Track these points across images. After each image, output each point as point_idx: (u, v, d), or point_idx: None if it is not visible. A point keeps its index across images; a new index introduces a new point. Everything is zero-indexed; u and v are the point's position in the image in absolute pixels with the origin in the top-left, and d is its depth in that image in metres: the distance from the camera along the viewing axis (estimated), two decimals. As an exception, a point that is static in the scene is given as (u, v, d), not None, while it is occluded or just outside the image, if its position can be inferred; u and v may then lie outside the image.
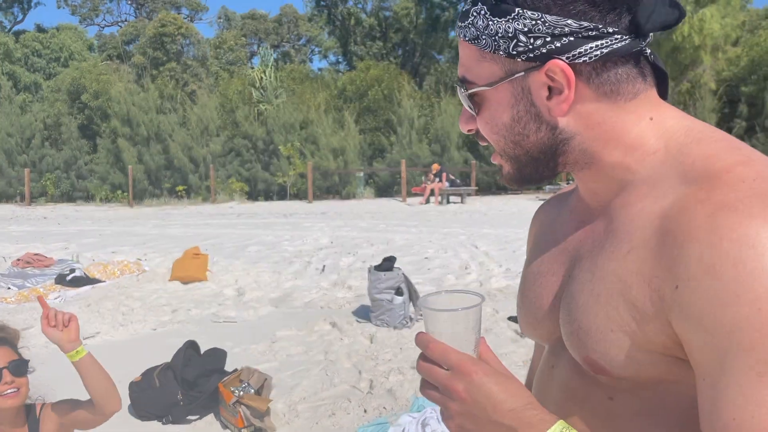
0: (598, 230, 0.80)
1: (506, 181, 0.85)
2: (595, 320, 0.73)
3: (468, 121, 0.83)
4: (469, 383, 0.70)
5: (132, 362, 4.26)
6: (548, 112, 0.76)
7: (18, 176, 23.69)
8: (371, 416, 3.65)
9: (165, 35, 29.35)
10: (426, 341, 0.73)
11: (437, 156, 22.56)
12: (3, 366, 1.84)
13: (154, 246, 9.59)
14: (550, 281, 0.86)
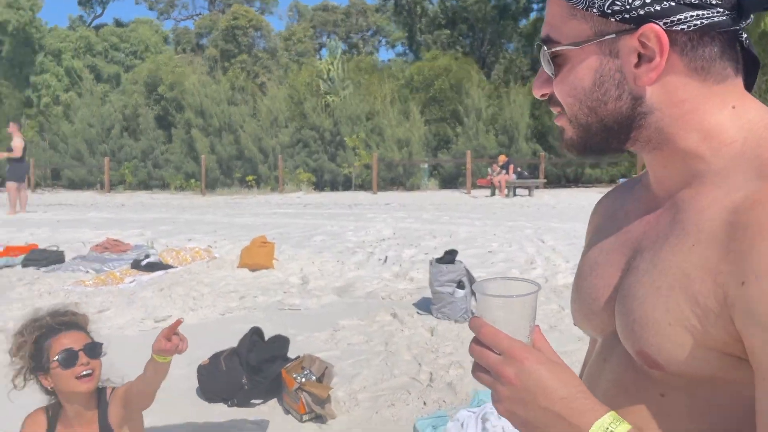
0: (663, 222, 0.78)
1: (566, 146, 0.84)
2: (653, 313, 0.72)
3: (543, 85, 0.82)
4: (520, 369, 0.70)
5: (200, 346, 4.40)
6: (634, 80, 0.73)
7: (98, 165, 24.93)
8: (430, 409, 3.65)
9: (237, 28, 30.16)
10: (479, 325, 0.73)
11: (504, 147, 22.21)
12: (79, 348, 1.93)
13: (224, 234, 9.89)
14: (607, 272, 0.84)
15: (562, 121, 0.83)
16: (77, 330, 2.00)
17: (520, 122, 22.61)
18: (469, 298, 5.28)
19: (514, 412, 0.72)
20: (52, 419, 2.04)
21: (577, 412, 0.69)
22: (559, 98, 0.80)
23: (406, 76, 26.50)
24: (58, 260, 7.64)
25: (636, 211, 0.85)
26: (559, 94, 0.80)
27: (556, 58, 0.77)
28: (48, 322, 1.98)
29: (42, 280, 6.65)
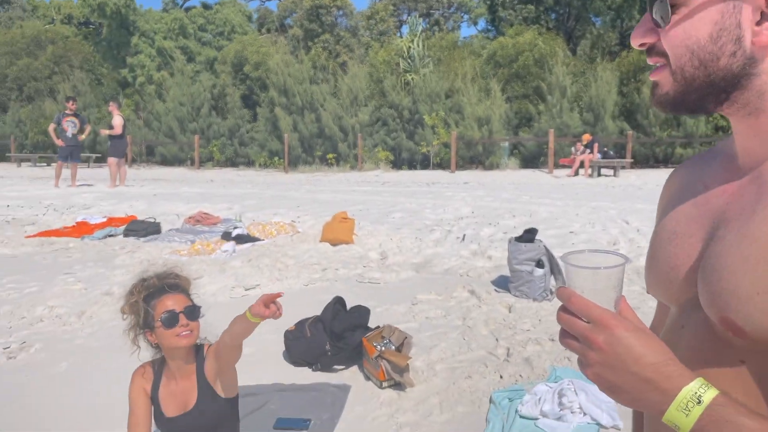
0: (749, 192, 0.79)
1: (658, 101, 0.83)
2: (742, 282, 0.73)
3: (646, 34, 0.80)
4: (609, 335, 0.73)
5: (286, 314, 4.61)
6: (751, 38, 0.73)
7: (189, 142, 26.10)
8: (507, 382, 3.71)
9: (321, 7, 30.55)
10: (568, 294, 0.76)
11: (589, 126, 21.49)
12: (180, 310, 2.11)
13: (307, 209, 10.21)
14: (687, 242, 0.86)
15: (661, 75, 0.81)
16: (180, 293, 2.17)
17: (606, 99, 21.77)
18: (548, 277, 5.27)
19: (603, 377, 0.75)
20: (157, 372, 2.25)
21: (665, 377, 0.71)
22: (666, 47, 0.78)
23: (488, 52, 26.03)
24: (155, 231, 8.17)
25: (717, 181, 0.86)
26: (669, 42, 0.78)
27: (674, 5, 0.76)
28: (155, 283, 2.16)
29: (142, 249, 7.15)
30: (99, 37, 32.52)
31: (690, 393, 0.70)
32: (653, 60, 0.81)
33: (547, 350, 4.11)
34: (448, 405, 3.45)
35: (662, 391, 0.71)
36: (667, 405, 0.70)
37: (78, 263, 6.61)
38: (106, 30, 31.12)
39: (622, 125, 21.90)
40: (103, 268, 6.36)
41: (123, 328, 2.21)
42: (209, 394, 2.21)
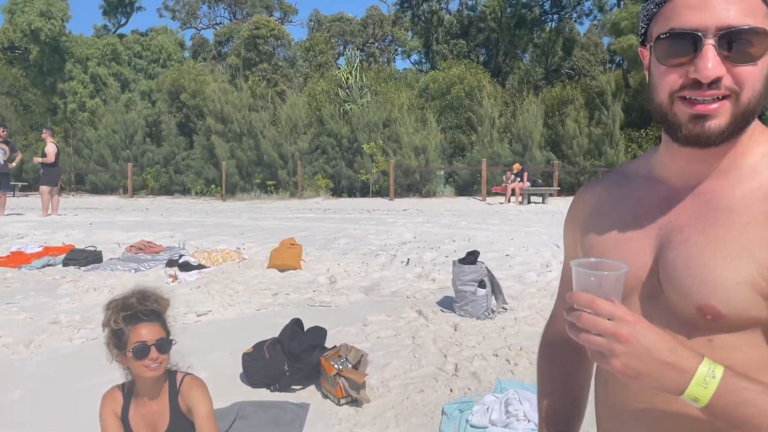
0: (694, 208, 0.97)
1: (705, 135, 0.91)
2: (721, 274, 0.90)
3: (721, 67, 0.88)
4: (634, 329, 0.85)
5: (241, 337, 4.77)
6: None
7: (121, 170, 25.50)
8: (456, 395, 3.94)
9: (258, 37, 30.69)
10: (589, 299, 0.87)
11: (519, 155, 22.48)
12: (152, 343, 2.13)
13: (251, 236, 10.26)
14: (633, 246, 1.02)
15: (722, 107, 0.90)
16: (155, 321, 2.18)
17: (533, 131, 22.88)
18: (490, 297, 5.59)
19: (631, 366, 0.85)
20: (127, 394, 2.27)
21: (683, 359, 0.84)
22: (744, 81, 0.89)
23: (421, 85, 26.86)
24: (96, 260, 8.05)
25: (651, 196, 1.03)
26: (750, 79, 0.88)
27: (758, 46, 0.87)
28: (134, 305, 2.18)
29: (85, 278, 7.04)
30: (26, 62, 31.45)
31: (705, 369, 0.84)
32: (714, 93, 0.89)
33: (492, 364, 4.39)
34: (403, 418, 3.65)
35: (681, 370, 0.84)
36: (687, 382, 0.84)
37: (19, 293, 6.46)
38: (36, 55, 30.14)
39: (549, 155, 23.04)
40: (46, 297, 6.24)
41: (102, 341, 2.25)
42: (182, 419, 2.26)
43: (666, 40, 0.92)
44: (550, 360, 1.30)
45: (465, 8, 34.13)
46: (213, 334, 5.09)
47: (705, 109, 0.89)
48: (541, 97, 24.77)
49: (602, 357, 0.87)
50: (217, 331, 5.20)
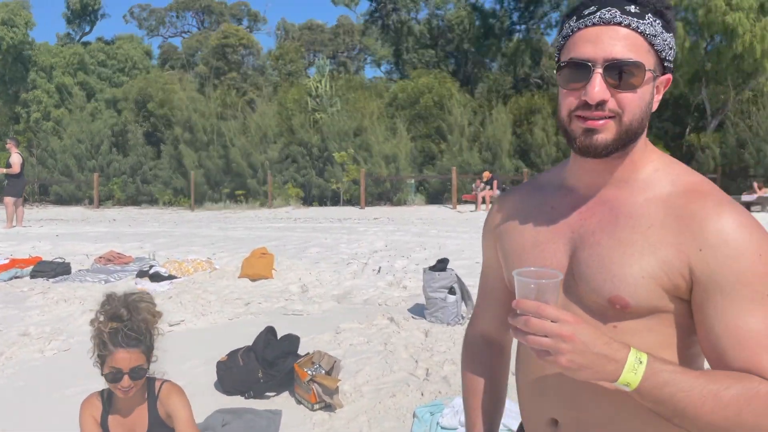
0: (601, 214, 1.13)
1: (595, 144, 1.06)
2: (629, 270, 1.05)
3: (605, 92, 1.04)
4: (575, 329, 0.97)
5: (214, 347, 4.80)
6: (652, 105, 1.10)
7: (87, 180, 25.10)
8: (428, 399, 4.04)
9: (227, 46, 30.59)
10: (535, 306, 0.98)
11: (488, 164, 22.79)
12: (126, 371, 2.14)
13: (222, 246, 10.24)
14: (550, 247, 1.17)
15: (607, 125, 1.06)
16: (136, 347, 2.18)
17: (502, 139, 23.23)
18: (460, 303, 5.72)
19: (574, 361, 0.97)
20: (106, 401, 2.31)
21: (615, 350, 0.97)
22: (625, 105, 1.05)
23: (391, 94, 27.07)
24: (65, 271, 7.96)
25: (563, 204, 1.18)
26: (632, 104, 1.05)
27: (639, 76, 1.04)
28: (122, 318, 2.17)
29: (54, 290, 6.98)
30: (-14, 71, 30.80)
31: (633, 358, 0.97)
32: (600, 113, 1.05)
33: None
34: (375, 421, 3.73)
35: (615, 361, 0.97)
36: (621, 370, 0.97)
37: (-15, 305, 6.38)
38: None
39: (518, 163, 23.42)
40: (15, 309, 6.17)
41: None
42: (161, 425, 2.29)
43: (566, 68, 1.08)
44: (473, 359, 1.43)
45: (434, 18, 34.53)
46: (186, 343, 5.10)
47: (593, 125, 1.06)
48: (510, 106, 25.17)
49: (548, 355, 0.99)
50: (190, 340, 5.21)
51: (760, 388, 0.97)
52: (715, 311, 1.02)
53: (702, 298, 1.03)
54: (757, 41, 20.35)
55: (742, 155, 22.18)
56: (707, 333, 1.03)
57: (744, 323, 1.00)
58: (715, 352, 1.03)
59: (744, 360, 0.99)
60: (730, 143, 22.72)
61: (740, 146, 22.43)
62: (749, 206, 18.28)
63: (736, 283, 1.00)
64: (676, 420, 1.00)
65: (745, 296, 1.00)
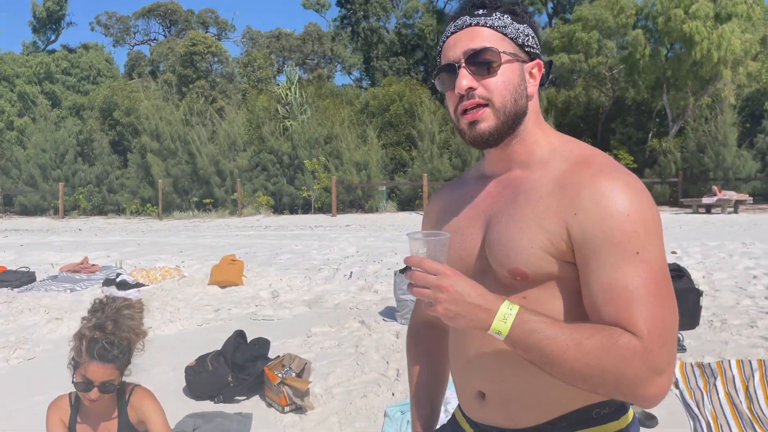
0: (505, 194, 1.24)
1: (480, 135, 1.18)
2: (521, 242, 1.15)
3: (472, 81, 1.17)
4: (452, 281, 1.06)
5: (183, 352, 4.77)
6: (527, 89, 1.20)
7: (52, 190, 24.62)
8: (398, 398, 4.07)
9: (195, 54, 30.35)
10: (419, 260, 1.08)
11: (458, 170, 22.98)
12: (96, 384, 2.12)
13: (191, 254, 10.15)
14: (470, 232, 1.28)
15: (483, 113, 1.17)
16: (111, 363, 2.15)
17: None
18: (430, 305, 5.77)
19: (450, 309, 1.06)
20: (74, 405, 2.27)
21: (489, 302, 1.06)
22: (492, 89, 1.16)
23: (361, 101, 27.16)
24: (29, 280, 7.81)
25: (478, 192, 1.31)
26: (496, 87, 1.16)
27: (495, 61, 1.16)
28: (105, 329, 2.14)
29: (19, 299, 6.84)
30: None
31: (505, 308, 1.06)
32: (474, 102, 1.17)
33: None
34: (347, 422, 3.75)
35: (487, 310, 1.06)
36: (492, 319, 1.06)
37: (-54, 316, 6.22)
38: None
39: (488, 169, 23.64)
40: (-23, 319, 6.04)
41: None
42: (131, 430, 2.27)
43: (440, 76, 1.23)
44: (415, 340, 1.55)
45: (403, 27, 34.79)
46: (154, 349, 5.00)
47: (473, 116, 1.18)
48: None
49: (429, 306, 1.07)
50: (158, 346, 5.15)
51: (620, 339, 1.03)
52: (589, 270, 1.09)
53: (580, 259, 1.11)
54: (714, 48, 20.96)
55: (702, 159, 22.77)
56: (585, 292, 1.11)
57: (613, 280, 1.06)
58: (592, 310, 1.10)
59: (612, 315, 1.06)
60: (690, 148, 23.31)
61: (700, 150, 23.02)
62: (710, 208, 18.79)
63: (605, 242, 1.07)
64: (547, 368, 1.07)
65: (614, 254, 1.07)
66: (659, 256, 1.09)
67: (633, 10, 23.33)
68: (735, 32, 21.11)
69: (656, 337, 1.04)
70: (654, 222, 1.10)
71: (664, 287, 1.08)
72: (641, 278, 1.06)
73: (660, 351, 1.04)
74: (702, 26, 20.95)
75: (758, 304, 6.11)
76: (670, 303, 1.08)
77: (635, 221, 1.07)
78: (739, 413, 3.17)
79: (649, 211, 1.10)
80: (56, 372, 4.73)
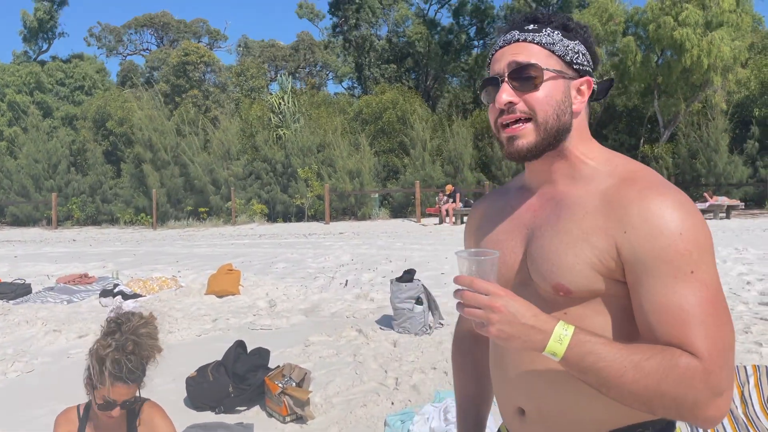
0: (548, 207, 1.24)
1: (518, 150, 1.18)
2: (566, 258, 1.14)
3: (512, 95, 1.16)
4: (505, 301, 1.04)
5: (182, 363, 4.78)
6: (572, 105, 1.19)
7: (45, 200, 24.52)
8: (398, 407, 4.10)
9: (188, 63, 30.37)
10: (470, 280, 1.06)
11: (450, 177, 23.08)
12: (119, 403, 2.13)
13: (187, 264, 10.15)
14: (510, 245, 1.27)
15: (524, 128, 1.17)
16: (135, 383, 2.16)
17: (464, 153, 23.60)
18: (427, 313, 5.81)
19: (503, 330, 1.04)
20: (83, 417, 2.27)
21: (543, 322, 1.04)
22: (534, 104, 1.16)
23: (354, 109, 27.25)
24: (25, 292, 7.80)
25: (520, 204, 1.29)
26: (537, 102, 1.16)
27: (539, 77, 1.16)
28: (126, 351, 2.13)
29: (15, 311, 6.83)
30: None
31: (560, 329, 1.04)
32: (514, 117, 1.17)
33: (431, 377, 4.58)
34: (347, 431, 3.78)
35: (542, 331, 1.04)
36: (547, 340, 1.04)
37: (-58, 329, 6.20)
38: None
39: (480, 176, 23.79)
40: (-27, 332, 6.03)
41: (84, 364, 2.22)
42: None
43: (483, 89, 1.23)
44: (462, 351, 1.55)
45: (394, 35, 34.95)
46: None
47: (512, 131, 1.18)
48: (471, 121, 25.61)
49: (482, 326, 1.06)
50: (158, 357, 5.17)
51: (680, 360, 1.02)
52: (642, 289, 1.08)
53: (632, 278, 1.10)
54: (704, 55, 21.19)
55: (694, 165, 22.96)
56: (638, 311, 1.10)
57: (668, 299, 1.05)
58: (645, 329, 1.09)
59: (668, 335, 1.05)
60: (682, 154, 23.50)
61: (692, 156, 23.22)
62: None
63: (657, 261, 1.06)
64: (603, 390, 1.05)
65: (667, 273, 1.06)
66: (714, 275, 1.08)
67: (622, 17, 23.55)
68: (724, 39, 21.34)
69: (716, 358, 1.03)
70: (707, 240, 1.09)
71: (720, 306, 1.06)
72: (697, 297, 1.05)
73: (720, 372, 1.02)
74: (692, 33, 21.18)
75: (752, 310, 6.19)
76: (728, 322, 1.07)
77: (688, 240, 1.06)
78: (735, 417, 3.23)
79: (701, 230, 1.08)
80: (55, 384, 4.75)
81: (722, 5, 21.48)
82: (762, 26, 30.11)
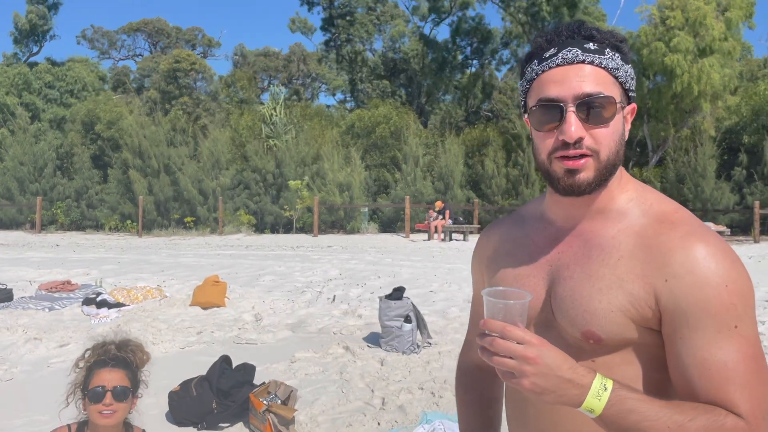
0: (575, 246, 1.15)
1: (578, 185, 1.07)
2: (598, 305, 1.06)
3: (581, 130, 1.05)
4: (540, 351, 0.96)
5: (165, 377, 4.67)
6: (624, 137, 1.11)
7: (29, 204, 24.24)
8: (384, 428, 4.03)
9: (179, 71, 30.28)
10: (501, 326, 0.97)
11: (441, 194, 23.11)
12: (109, 389, 2.07)
13: (172, 274, 10.02)
14: (530, 281, 1.18)
15: (586, 163, 1.06)
16: (122, 369, 2.12)
17: (455, 170, 23.66)
18: (415, 332, 5.75)
19: (537, 384, 0.95)
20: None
21: (580, 375, 0.96)
22: (601, 140, 1.06)
23: (347, 123, 27.28)
24: (7, 298, 7.64)
25: (542, 237, 1.19)
26: (605, 138, 1.06)
27: (608, 109, 1.06)
28: (110, 351, 2.13)
29: (-6, 318, 6.69)
30: None
31: (598, 383, 0.96)
32: (580, 151, 1.06)
33: (418, 398, 4.52)
34: (332, 452, 3.70)
35: (579, 386, 0.96)
36: (585, 395, 0.96)
37: None
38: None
39: (469, 194, 23.85)
40: (-49, 338, 5.88)
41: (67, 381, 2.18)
42: None
43: (537, 110, 1.09)
44: (467, 386, 1.46)
45: (389, 51, 35.13)
46: (135, 373, 4.95)
47: (574, 165, 1.06)
48: (462, 138, 25.72)
49: (512, 377, 0.98)
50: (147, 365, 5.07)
51: (726, 421, 0.97)
52: (682, 342, 1.02)
53: (670, 329, 1.03)
54: (695, 82, 21.46)
55: (682, 190, 23.15)
56: (675, 363, 1.04)
57: (710, 354, 1.00)
58: (682, 383, 1.03)
59: (710, 392, 0.99)
60: (670, 178, 23.70)
61: (680, 181, 23.41)
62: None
63: (701, 313, 1.00)
64: None
65: (710, 327, 1.00)
66: (755, 330, 1.03)
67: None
68: (714, 66, 21.64)
69: (761, 420, 0.99)
70: (750, 293, 1.03)
71: (762, 364, 1.02)
72: (741, 354, 1.00)
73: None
74: (683, 60, 21.46)
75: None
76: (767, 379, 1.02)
77: (733, 292, 1.00)
78: None
79: (746, 282, 1.03)
80: (35, 394, 4.63)
81: (713, 33, 21.79)
82: (751, 55, 30.60)
